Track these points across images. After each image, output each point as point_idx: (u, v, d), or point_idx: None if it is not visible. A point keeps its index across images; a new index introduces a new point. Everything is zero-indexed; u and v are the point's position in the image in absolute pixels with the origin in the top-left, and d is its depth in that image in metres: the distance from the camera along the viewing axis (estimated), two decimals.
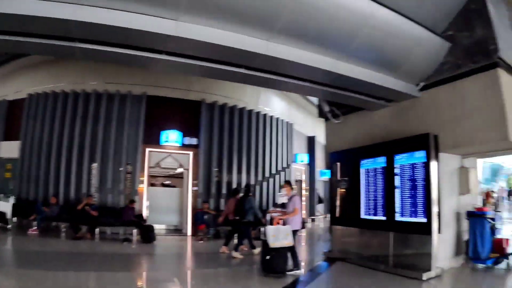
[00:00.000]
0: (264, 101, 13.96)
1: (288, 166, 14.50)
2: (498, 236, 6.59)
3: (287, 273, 5.77)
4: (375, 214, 6.77)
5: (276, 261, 5.65)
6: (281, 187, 7.42)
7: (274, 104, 14.65)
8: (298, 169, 16.72)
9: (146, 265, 7.44)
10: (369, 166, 7.01)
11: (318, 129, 17.22)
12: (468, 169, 6.57)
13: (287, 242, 5.74)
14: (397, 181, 6.34)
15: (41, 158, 10.96)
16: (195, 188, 11.50)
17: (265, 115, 13.50)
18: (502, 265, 6.22)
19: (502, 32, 5.79)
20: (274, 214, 6.56)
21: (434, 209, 5.73)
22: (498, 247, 6.26)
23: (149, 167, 11.38)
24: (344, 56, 5.61)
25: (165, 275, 6.16)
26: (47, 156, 10.92)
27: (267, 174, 13.21)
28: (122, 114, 11.00)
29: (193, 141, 11.74)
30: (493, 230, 6.36)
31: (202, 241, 9.91)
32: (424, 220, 5.79)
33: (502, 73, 5.56)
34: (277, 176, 13.56)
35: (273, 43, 5.06)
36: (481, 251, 6.17)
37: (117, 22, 4.18)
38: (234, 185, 11.61)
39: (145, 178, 11.12)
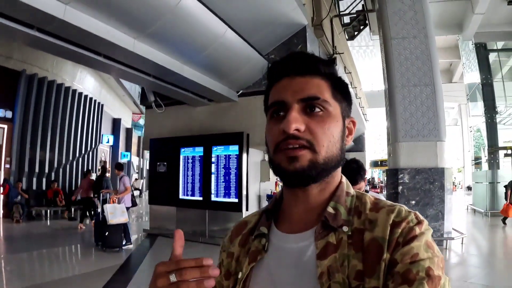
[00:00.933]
0: (80, 80, 13.75)
1: (97, 146, 14.83)
2: None
3: (123, 247, 6.28)
4: (193, 195, 7.91)
5: (114, 237, 6.10)
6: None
7: (88, 83, 14.55)
8: (103, 150, 17.28)
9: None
10: (189, 154, 8.07)
11: (123, 112, 18.45)
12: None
13: (124, 218, 6.26)
14: (213, 168, 7.64)
15: None
16: (7, 166, 10.37)
17: (81, 93, 13.40)
18: None
19: None
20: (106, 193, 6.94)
21: (244, 192, 7.26)
22: None
23: None
24: (188, 61, 6.37)
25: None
26: None
27: (77, 154, 13.24)
28: None
29: (8, 114, 10.55)
30: None
31: (19, 223, 9.44)
32: (235, 200, 7.25)
33: None
34: (85, 156, 13.72)
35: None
36: None
37: None
38: (47, 164, 11.48)
39: None
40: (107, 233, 6.06)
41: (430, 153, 6.97)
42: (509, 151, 12.98)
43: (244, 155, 7.35)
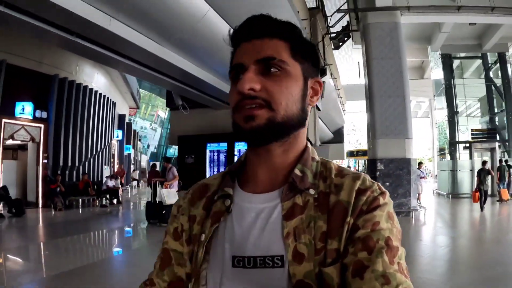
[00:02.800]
0: (96, 80, 15.25)
1: (111, 141, 16.56)
2: None
3: None
4: None
5: (169, 214, 8.05)
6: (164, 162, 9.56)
7: (101, 82, 16.03)
8: (113, 144, 19.22)
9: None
10: (214, 148, 10.08)
11: (124, 108, 20.56)
12: None
13: (176, 200, 8.22)
14: (235, 159, 9.65)
15: None
16: (45, 161, 12.01)
17: (98, 93, 15.00)
18: None
19: None
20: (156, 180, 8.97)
21: None
22: None
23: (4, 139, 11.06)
24: (206, 66, 7.85)
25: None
26: None
27: (98, 148, 14.91)
28: None
29: (44, 114, 12.14)
30: None
31: (62, 211, 10.97)
32: None
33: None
34: (104, 150, 15.53)
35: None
36: None
37: None
38: (77, 158, 13.20)
39: (0, 151, 10.86)
40: (164, 211, 7.99)
41: (400, 147, 9.23)
42: (467, 145, 15.57)
43: None
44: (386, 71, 9.63)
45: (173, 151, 46.21)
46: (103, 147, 15.40)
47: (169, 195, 8.05)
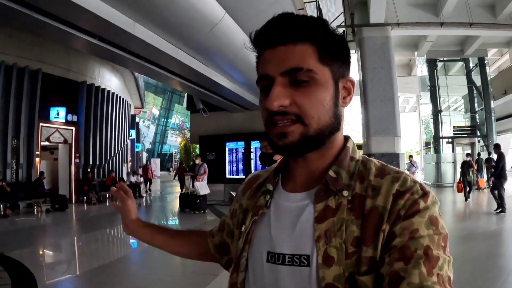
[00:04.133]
0: (114, 84, 16.68)
1: (127, 140, 18.31)
2: None
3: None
4: (237, 174, 11.55)
5: (202, 203, 9.65)
6: (194, 157, 11.11)
7: (117, 85, 17.37)
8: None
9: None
10: (233, 146, 11.68)
11: (132, 109, 22.34)
12: None
13: (208, 191, 9.80)
14: (252, 155, 11.28)
15: None
16: (77, 160, 13.48)
17: (119, 96, 16.51)
18: None
19: None
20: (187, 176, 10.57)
21: None
22: None
23: (41, 141, 12.35)
24: (225, 73, 8.84)
25: None
26: None
27: (119, 147, 16.43)
28: (20, 89, 11.16)
29: (74, 118, 13.57)
30: None
31: (96, 204, 12.45)
32: None
33: None
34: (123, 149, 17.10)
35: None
36: None
37: None
38: (103, 157, 14.66)
39: (39, 152, 12.14)
40: (198, 201, 9.57)
41: (390, 143, 10.94)
42: (449, 140, 17.41)
43: None
44: (379, 79, 11.29)
45: (167, 148, 47.46)
46: (122, 146, 16.87)
47: (202, 187, 9.61)
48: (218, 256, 0.91)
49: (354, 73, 12.83)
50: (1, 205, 9.38)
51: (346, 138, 0.71)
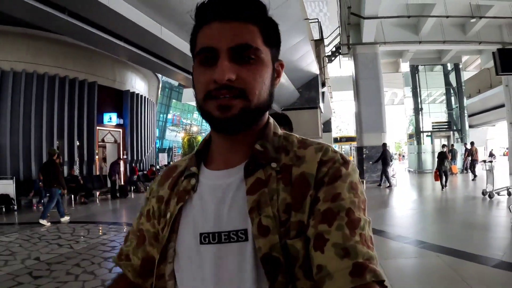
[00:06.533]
0: (145, 89, 19.33)
1: (156, 138, 21.26)
2: None
3: None
4: None
5: None
6: None
7: (146, 89, 19.80)
8: None
9: None
10: None
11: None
12: None
13: None
14: None
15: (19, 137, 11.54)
16: (125, 157, 16.32)
17: (149, 99, 19.26)
18: None
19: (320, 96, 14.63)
20: None
21: None
22: None
23: (98, 142, 15.07)
24: None
25: None
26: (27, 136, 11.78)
27: (152, 145, 19.38)
28: (81, 99, 13.80)
29: (121, 121, 16.46)
30: None
31: (143, 192, 15.35)
32: None
33: (319, 111, 14.30)
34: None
35: None
36: None
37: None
38: (143, 153, 17.55)
39: (98, 151, 14.93)
40: None
41: (378, 138, 14.12)
42: (428, 133, 20.74)
43: None
44: (369, 88, 14.42)
45: (167, 143, 49.19)
46: (153, 143, 19.86)
47: None
48: (142, 281, 0.77)
49: (350, 83, 15.98)
50: (77, 195, 11.50)
51: (267, 116, 0.72)
